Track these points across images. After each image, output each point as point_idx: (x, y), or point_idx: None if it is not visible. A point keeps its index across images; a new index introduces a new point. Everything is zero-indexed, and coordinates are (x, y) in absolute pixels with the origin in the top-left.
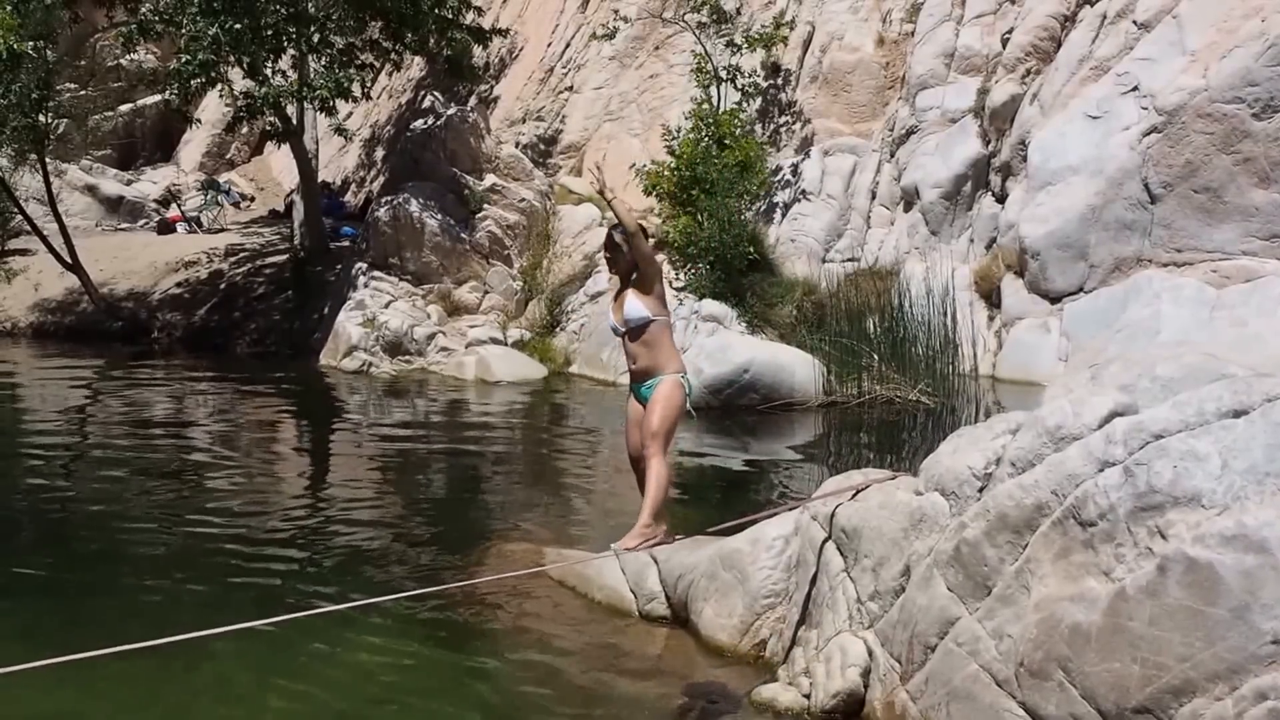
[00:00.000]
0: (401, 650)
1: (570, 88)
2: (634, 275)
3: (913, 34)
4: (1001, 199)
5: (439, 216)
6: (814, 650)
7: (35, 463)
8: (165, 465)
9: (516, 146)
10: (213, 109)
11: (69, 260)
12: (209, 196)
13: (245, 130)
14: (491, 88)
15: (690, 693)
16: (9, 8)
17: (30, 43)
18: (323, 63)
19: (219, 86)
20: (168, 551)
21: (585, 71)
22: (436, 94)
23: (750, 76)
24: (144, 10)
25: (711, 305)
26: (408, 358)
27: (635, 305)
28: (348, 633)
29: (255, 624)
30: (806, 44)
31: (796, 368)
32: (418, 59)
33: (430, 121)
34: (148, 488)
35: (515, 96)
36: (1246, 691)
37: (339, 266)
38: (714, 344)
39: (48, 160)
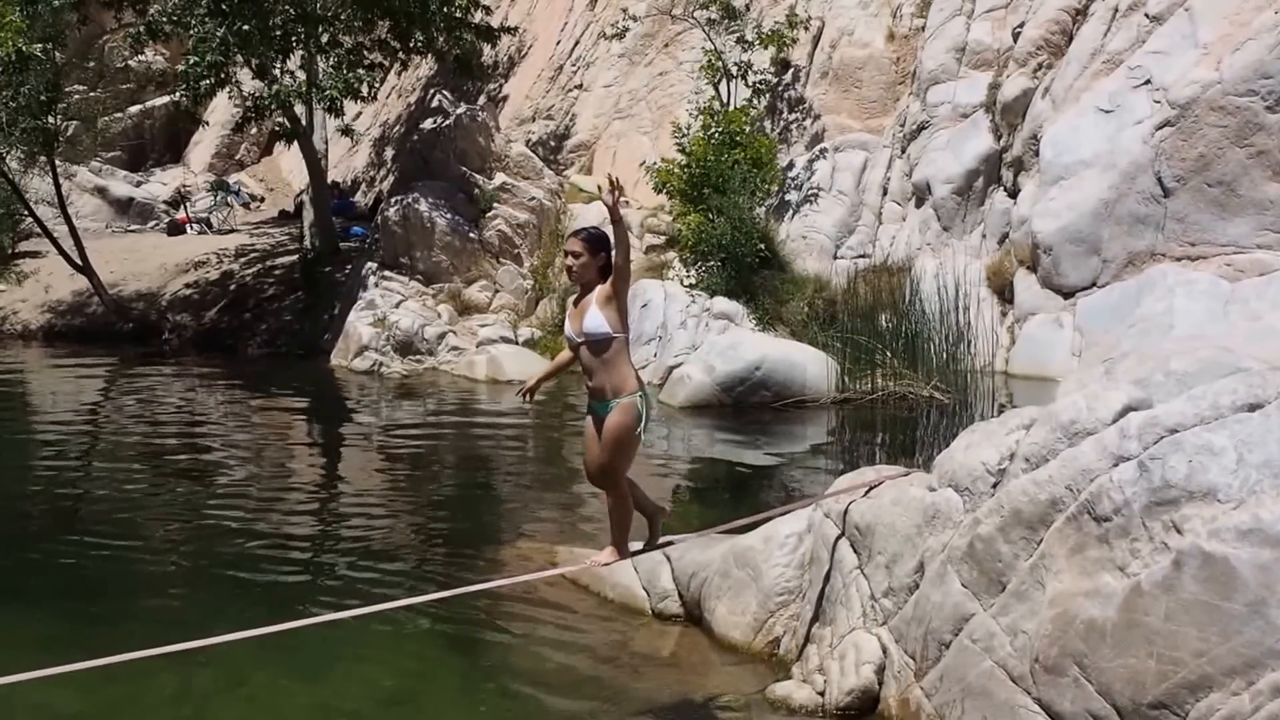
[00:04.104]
0: (413, 650)
1: (579, 86)
2: (600, 284)
3: (923, 29)
4: (1014, 194)
5: (449, 216)
6: (828, 647)
7: (49, 464)
8: (177, 466)
9: (526, 145)
10: (222, 110)
11: (79, 262)
12: (219, 197)
13: (254, 131)
14: (500, 86)
15: (704, 691)
16: (17, 10)
17: (39, 45)
18: (331, 63)
19: (228, 87)
20: (180, 553)
21: (594, 69)
22: (445, 93)
23: (761, 73)
24: (152, 11)
25: (723, 303)
26: (418, 357)
27: (598, 319)
28: (360, 634)
29: (267, 630)
30: (816, 40)
31: (808, 365)
32: (426, 58)
33: (439, 121)
34: (161, 489)
35: (524, 95)
36: (1263, 686)
37: (349, 266)
38: (726, 341)
39: (57, 162)
